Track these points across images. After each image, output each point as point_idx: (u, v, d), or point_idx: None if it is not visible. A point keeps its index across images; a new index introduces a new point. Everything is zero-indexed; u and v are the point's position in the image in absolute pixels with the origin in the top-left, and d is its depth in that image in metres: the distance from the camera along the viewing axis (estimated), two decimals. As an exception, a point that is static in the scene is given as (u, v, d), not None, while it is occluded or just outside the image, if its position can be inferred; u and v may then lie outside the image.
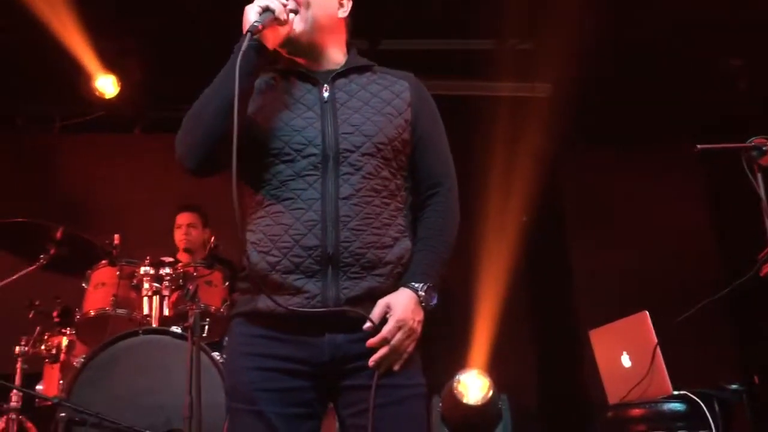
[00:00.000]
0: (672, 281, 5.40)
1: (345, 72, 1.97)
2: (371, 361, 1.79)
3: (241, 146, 1.76)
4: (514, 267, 5.52)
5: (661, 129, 6.18)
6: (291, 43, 1.94)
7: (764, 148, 2.59)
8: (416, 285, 1.85)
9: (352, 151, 1.84)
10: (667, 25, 5.18)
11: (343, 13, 2.03)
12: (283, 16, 1.84)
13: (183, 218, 4.83)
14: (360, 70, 2.00)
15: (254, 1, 1.84)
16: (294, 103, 1.91)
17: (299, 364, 1.80)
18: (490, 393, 4.47)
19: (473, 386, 4.49)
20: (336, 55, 2.01)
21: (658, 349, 3.18)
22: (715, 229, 6.14)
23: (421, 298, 1.84)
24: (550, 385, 5.85)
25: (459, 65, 5.77)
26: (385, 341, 1.79)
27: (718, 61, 5.66)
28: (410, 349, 1.83)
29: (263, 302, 1.80)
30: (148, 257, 3.82)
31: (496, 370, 4.70)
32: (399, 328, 1.80)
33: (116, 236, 3.88)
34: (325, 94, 1.91)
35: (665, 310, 3.25)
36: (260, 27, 1.79)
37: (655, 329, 3.27)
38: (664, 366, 3.17)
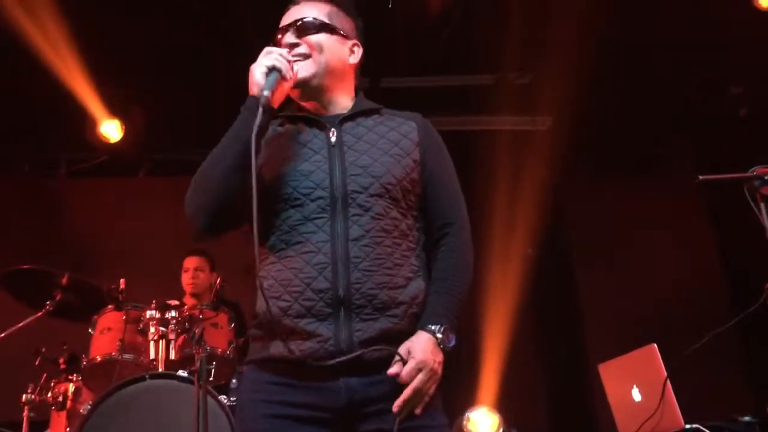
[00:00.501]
0: (680, 312, 5.37)
1: (352, 116, 1.99)
2: (395, 407, 1.76)
3: (250, 195, 1.77)
4: (521, 301, 5.50)
5: (662, 158, 6.21)
6: (303, 84, 1.96)
7: (766, 178, 2.57)
8: (433, 327, 1.83)
9: (360, 192, 1.85)
10: (666, 55, 5.23)
11: (354, 59, 2.07)
12: (289, 75, 1.87)
13: (190, 262, 4.82)
14: (367, 113, 2.02)
15: (259, 59, 1.86)
16: (301, 149, 1.92)
17: (315, 410, 1.77)
18: (500, 430, 4.43)
19: (483, 423, 4.45)
20: (344, 100, 2.04)
21: (668, 383, 3.13)
22: (721, 258, 6.11)
23: (439, 340, 1.82)
24: (560, 421, 5.78)
25: (460, 101, 5.82)
26: (406, 384, 1.77)
27: (718, 89, 5.70)
28: (432, 390, 1.81)
29: (276, 348, 1.79)
30: (153, 301, 3.81)
31: (505, 406, 4.66)
32: (419, 370, 1.78)
33: (122, 281, 3.88)
34: (333, 138, 1.93)
35: (674, 342, 3.22)
36: (270, 95, 1.81)
37: (664, 362, 3.23)
38: (674, 399, 3.13)
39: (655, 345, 3.26)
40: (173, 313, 3.76)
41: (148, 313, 3.74)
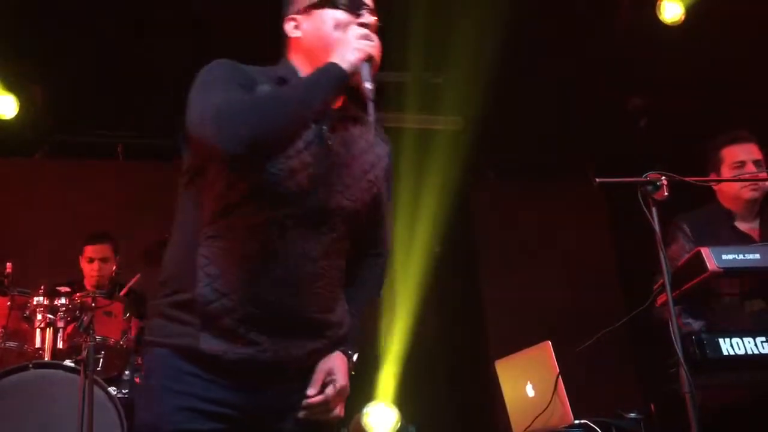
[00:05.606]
0: (577, 311, 5.53)
1: (346, 116, 1.86)
2: (304, 404, 1.79)
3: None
4: (424, 297, 5.54)
5: (567, 162, 6.39)
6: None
7: (658, 183, 2.65)
8: (351, 353, 1.89)
9: (334, 213, 1.79)
10: (574, 65, 5.38)
11: None
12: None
13: (96, 251, 4.47)
14: (355, 120, 1.88)
15: (357, 41, 1.74)
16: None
17: (233, 410, 1.72)
18: (399, 425, 4.45)
19: (381, 418, 4.46)
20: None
21: (560, 379, 3.22)
22: (617, 259, 6.35)
23: (351, 367, 1.88)
24: (459, 417, 5.86)
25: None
26: (325, 403, 1.81)
27: (620, 99, 5.92)
28: (342, 412, 1.87)
29: (207, 343, 1.70)
30: (42, 287, 3.66)
31: (404, 402, 4.68)
32: (339, 395, 1.83)
33: (8, 264, 3.72)
34: (326, 136, 1.79)
35: (570, 340, 3.31)
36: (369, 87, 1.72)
37: (558, 359, 3.31)
38: (565, 395, 3.21)
39: (549, 342, 3.33)
40: (63, 300, 3.63)
41: (36, 300, 3.62)
